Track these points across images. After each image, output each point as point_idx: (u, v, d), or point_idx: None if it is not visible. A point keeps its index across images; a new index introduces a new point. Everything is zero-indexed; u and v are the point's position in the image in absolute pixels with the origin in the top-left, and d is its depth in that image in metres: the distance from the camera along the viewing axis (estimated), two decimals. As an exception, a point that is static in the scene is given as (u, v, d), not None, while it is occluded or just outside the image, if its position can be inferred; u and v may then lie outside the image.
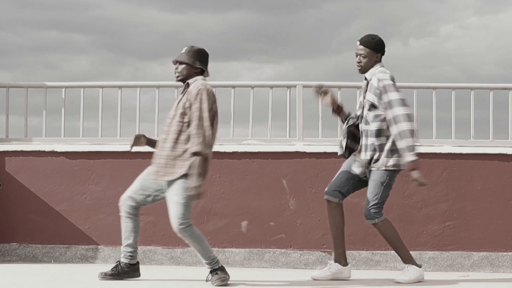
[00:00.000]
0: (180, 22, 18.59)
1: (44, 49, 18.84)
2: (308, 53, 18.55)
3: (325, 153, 7.35)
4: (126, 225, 5.89)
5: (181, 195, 5.55)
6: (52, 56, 19.15)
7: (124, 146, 7.45)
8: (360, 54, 5.99)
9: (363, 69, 6.02)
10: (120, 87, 7.74)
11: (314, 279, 6.14)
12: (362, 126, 6.03)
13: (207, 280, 5.78)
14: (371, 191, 5.96)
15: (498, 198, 7.27)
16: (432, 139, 7.52)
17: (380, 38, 6.03)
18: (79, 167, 7.53)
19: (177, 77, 5.76)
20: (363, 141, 6.02)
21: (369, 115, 5.94)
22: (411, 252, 6.97)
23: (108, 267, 6.31)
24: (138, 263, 5.98)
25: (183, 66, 5.72)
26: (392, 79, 5.90)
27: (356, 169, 6.07)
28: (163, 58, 19.73)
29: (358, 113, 6.13)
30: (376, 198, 5.94)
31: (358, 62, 6.01)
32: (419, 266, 6.10)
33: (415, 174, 5.79)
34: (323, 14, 18.71)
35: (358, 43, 6.01)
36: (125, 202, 5.86)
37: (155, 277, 6.24)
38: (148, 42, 17.90)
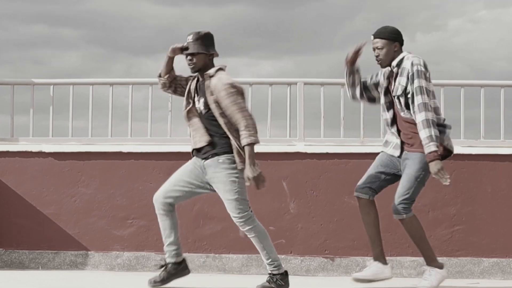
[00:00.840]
0: (175, 16, 18.40)
1: (31, 44, 18.66)
2: (310, 48, 18.39)
3: (327, 153, 7.32)
4: (163, 223, 5.89)
5: (231, 191, 5.69)
6: (40, 52, 18.97)
7: (115, 146, 7.47)
8: (376, 48, 5.97)
9: (384, 62, 5.96)
10: (111, 84, 7.70)
11: (355, 279, 6.05)
12: (393, 114, 5.94)
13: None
14: (404, 185, 5.88)
15: (510, 201, 7.23)
16: None
17: (393, 27, 6.02)
18: (68, 169, 7.47)
19: (193, 68, 5.74)
20: (397, 133, 5.96)
21: (403, 100, 5.87)
22: (416, 258, 7.11)
23: (98, 274, 6.31)
24: (184, 260, 5.94)
25: (198, 56, 5.70)
26: (425, 67, 5.85)
27: (394, 152, 5.98)
28: (157, 54, 19.54)
29: (382, 100, 6.06)
30: (408, 193, 5.86)
31: (377, 56, 5.97)
32: (441, 267, 5.97)
33: (435, 166, 5.63)
34: (325, 8, 18.53)
35: (372, 37, 6.00)
36: (159, 199, 5.84)
37: (148, 285, 6.08)
38: (141, 37, 17.71)
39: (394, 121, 5.95)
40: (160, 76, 5.89)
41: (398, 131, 5.93)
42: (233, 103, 5.52)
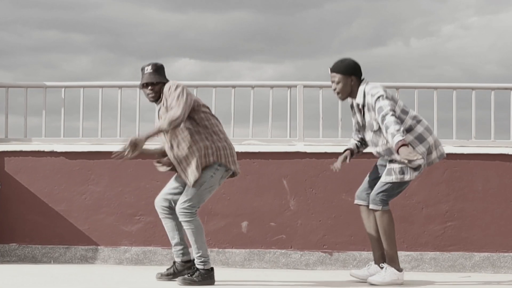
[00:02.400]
0: (180, 22, 18.57)
1: (44, 49, 18.82)
2: (309, 53, 18.52)
3: (325, 153, 7.33)
4: (166, 225, 5.99)
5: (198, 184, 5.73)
6: (52, 56, 19.12)
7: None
8: (333, 81, 5.95)
9: (342, 95, 5.95)
10: (120, 87, 7.72)
11: (352, 276, 6.15)
12: (374, 149, 5.99)
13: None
14: (384, 179, 5.93)
15: (500, 199, 7.25)
16: None
17: (351, 61, 5.93)
18: (78, 167, 7.50)
19: (153, 97, 5.85)
20: (381, 162, 6.06)
21: (379, 132, 5.86)
22: (411, 252, 7.16)
23: (108, 268, 6.33)
24: (193, 260, 5.94)
25: (158, 85, 5.82)
26: (382, 89, 5.82)
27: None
28: (164, 58, 19.69)
29: (359, 136, 6.14)
30: (384, 187, 5.91)
31: (334, 89, 5.95)
32: (400, 270, 5.99)
33: (404, 151, 5.53)
34: (324, 14, 18.68)
35: (329, 70, 5.96)
36: (158, 204, 5.99)
37: (155, 277, 6.18)
38: (148, 42, 17.87)
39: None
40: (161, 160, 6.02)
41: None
42: (171, 98, 5.63)
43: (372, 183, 6.08)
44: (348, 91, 5.91)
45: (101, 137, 7.71)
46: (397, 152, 5.56)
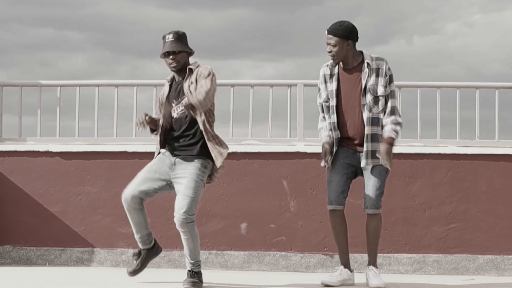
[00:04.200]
0: (178, 19, 18.47)
1: (39, 47, 18.73)
2: (310, 51, 18.44)
3: None
4: (137, 218, 5.78)
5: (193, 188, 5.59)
6: (47, 54, 19.04)
7: (120, 146, 7.47)
8: (329, 44, 5.85)
9: (337, 58, 5.86)
10: (116, 85, 7.72)
11: (324, 285, 6.00)
12: (367, 114, 5.86)
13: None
14: (378, 179, 5.86)
15: (504, 200, 7.23)
16: (436, 139, 7.46)
17: (349, 24, 5.87)
18: (74, 168, 7.49)
19: (175, 67, 5.68)
20: (365, 130, 5.87)
21: (371, 102, 5.82)
22: (414, 255, 7.18)
23: (104, 271, 6.31)
24: (155, 242, 5.94)
25: (181, 54, 5.65)
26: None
27: (362, 162, 5.90)
28: (162, 56, 19.56)
29: (330, 120, 5.96)
30: (381, 188, 5.89)
31: (329, 52, 5.85)
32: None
33: (389, 150, 5.70)
34: (325, 11, 18.60)
35: (326, 32, 5.87)
36: (131, 197, 5.70)
37: (152, 280, 6.20)
38: (146, 40, 17.78)
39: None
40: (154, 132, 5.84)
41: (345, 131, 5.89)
42: (206, 80, 5.49)
43: (346, 185, 5.97)
44: (344, 55, 5.84)
45: (98, 137, 7.69)
46: (387, 142, 5.70)
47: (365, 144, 5.84)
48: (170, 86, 5.77)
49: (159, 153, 5.78)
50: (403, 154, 7.17)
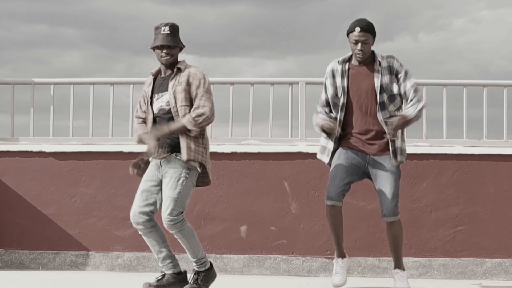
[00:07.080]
0: (177, 15, 18.40)
1: (33, 43, 18.66)
2: (313, 48, 18.39)
3: None
4: (151, 240, 5.63)
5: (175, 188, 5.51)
6: (41, 51, 18.97)
7: (116, 146, 7.46)
8: (363, 41, 5.81)
9: (366, 56, 5.85)
10: (112, 83, 7.72)
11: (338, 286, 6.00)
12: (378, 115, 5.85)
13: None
14: (394, 185, 5.82)
15: None
16: (443, 139, 7.49)
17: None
18: (68, 169, 7.46)
19: (167, 60, 5.61)
20: (386, 134, 5.86)
21: (387, 100, 5.81)
22: (419, 258, 7.22)
23: (99, 275, 6.30)
24: (185, 272, 5.72)
25: (175, 49, 5.61)
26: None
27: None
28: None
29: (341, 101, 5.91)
30: (397, 194, 5.83)
31: (361, 50, 5.82)
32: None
33: (404, 124, 5.75)
34: (328, 7, 18.51)
35: (358, 29, 5.80)
36: (138, 220, 5.60)
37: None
38: (143, 36, 17.70)
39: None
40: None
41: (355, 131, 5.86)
42: (202, 90, 5.45)
43: (349, 186, 5.90)
44: (370, 52, 5.88)
45: (93, 136, 7.72)
46: (403, 116, 5.70)
47: (390, 144, 5.85)
48: (154, 80, 5.69)
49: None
50: (408, 154, 7.02)
